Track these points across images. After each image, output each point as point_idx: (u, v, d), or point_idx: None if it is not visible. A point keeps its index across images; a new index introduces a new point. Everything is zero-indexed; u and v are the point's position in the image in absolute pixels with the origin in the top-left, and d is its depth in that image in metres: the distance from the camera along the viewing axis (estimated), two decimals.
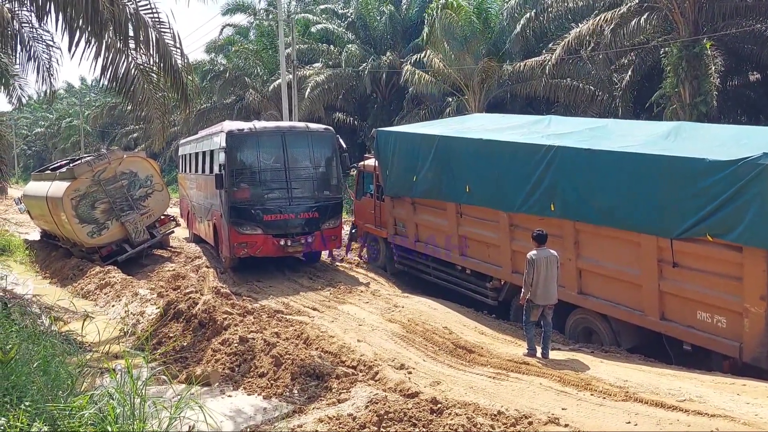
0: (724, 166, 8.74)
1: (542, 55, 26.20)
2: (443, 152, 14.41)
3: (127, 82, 11.85)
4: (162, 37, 11.60)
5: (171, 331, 11.64)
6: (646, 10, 21.98)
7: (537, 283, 9.86)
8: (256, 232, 16.42)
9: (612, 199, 10.38)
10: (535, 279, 9.86)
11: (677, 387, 8.19)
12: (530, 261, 9.89)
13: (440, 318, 12.38)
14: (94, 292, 16.48)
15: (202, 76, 42.46)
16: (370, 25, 35.86)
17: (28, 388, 6.19)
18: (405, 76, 29.64)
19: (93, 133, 77.81)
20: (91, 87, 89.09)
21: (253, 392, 8.87)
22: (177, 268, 18.40)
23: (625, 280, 10.41)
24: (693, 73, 20.33)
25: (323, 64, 36.30)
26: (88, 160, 20.33)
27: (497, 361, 9.97)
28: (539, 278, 9.85)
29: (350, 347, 10.12)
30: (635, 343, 10.72)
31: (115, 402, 5.81)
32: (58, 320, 12.17)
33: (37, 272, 21.29)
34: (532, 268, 9.85)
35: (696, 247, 9.28)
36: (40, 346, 7.72)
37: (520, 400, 8.10)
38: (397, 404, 7.38)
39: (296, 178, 16.86)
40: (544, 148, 11.61)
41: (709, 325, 9.23)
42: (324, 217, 17.04)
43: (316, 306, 13.90)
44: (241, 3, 42.07)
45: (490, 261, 13.49)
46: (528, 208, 12.03)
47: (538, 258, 9.86)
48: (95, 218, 19.20)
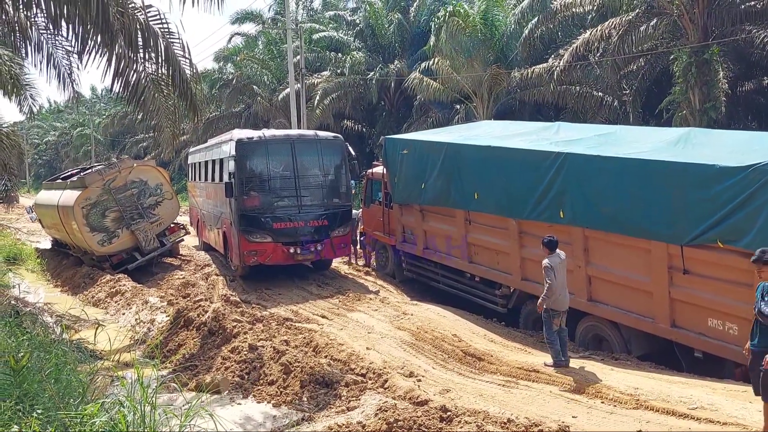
0: (734, 172, 8.70)
1: (550, 61, 26.21)
2: (452, 159, 14.42)
3: (138, 91, 11.89)
4: (171, 47, 11.67)
5: (181, 338, 11.68)
6: (655, 15, 21.96)
7: (556, 290, 9.79)
8: (265, 240, 16.37)
9: (621, 205, 10.34)
10: (554, 285, 9.77)
11: (688, 395, 8.14)
12: (549, 267, 9.78)
13: (449, 325, 12.36)
14: (104, 300, 16.55)
15: (211, 85, 42.68)
16: (378, 33, 35.94)
17: (40, 396, 6.22)
18: (413, 84, 29.68)
19: (104, 142, 78.26)
20: (102, 96, 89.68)
21: (263, 400, 8.89)
22: (187, 276, 18.45)
23: (636, 287, 10.36)
24: (702, 78, 20.27)
25: (331, 72, 36.40)
26: (99, 169, 20.44)
27: (507, 369, 9.94)
28: (557, 284, 9.78)
29: (359, 355, 10.11)
30: (646, 351, 10.65)
31: (126, 410, 5.83)
32: (69, 328, 12.23)
33: (49, 280, 21.40)
34: (552, 273, 9.77)
35: (707, 253, 9.22)
36: (52, 354, 7.76)
37: (530, 408, 8.08)
38: (407, 412, 7.37)
39: (306, 186, 16.83)
40: (553, 154, 11.59)
41: (721, 332, 9.16)
42: (333, 224, 16.98)
43: (325, 314, 13.90)
44: (250, 12, 42.32)
45: (499, 268, 13.46)
46: (537, 215, 12.01)
47: (554, 264, 9.81)
48: (106, 227, 19.29)
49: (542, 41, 27.23)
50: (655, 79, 24.31)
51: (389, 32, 35.71)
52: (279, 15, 42.29)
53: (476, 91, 28.09)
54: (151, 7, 11.30)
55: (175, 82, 11.99)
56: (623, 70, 24.48)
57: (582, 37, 23.63)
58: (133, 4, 11.03)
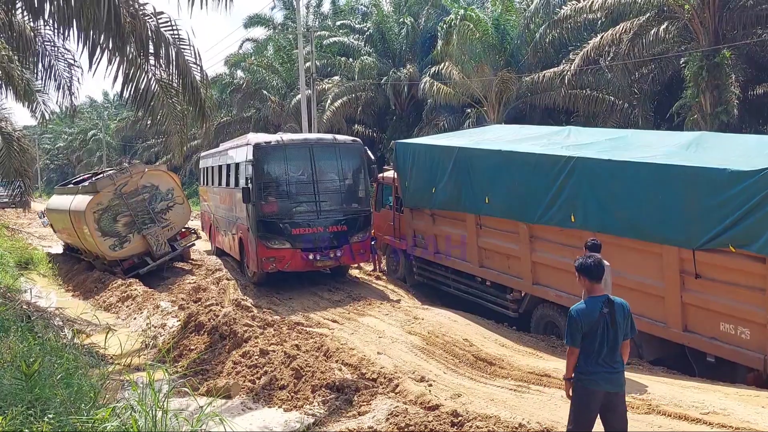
0: (746, 176, 8.66)
1: (561, 65, 26.18)
2: (462, 164, 14.41)
3: (147, 97, 11.92)
4: (182, 53, 11.70)
5: (192, 343, 11.70)
6: (665, 19, 21.90)
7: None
8: (284, 247, 16.06)
9: (632, 210, 10.31)
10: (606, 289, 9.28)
11: (701, 399, 8.10)
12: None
13: (460, 330, 12.34)
14: (115, 304, 16.60)
15: (222, 89, 42.81)
16: (388, 38, 35.99)
17: (52, 401, 6.24)
18: (424, 88, 29.71)
19: (116, 147, 78.66)
20: (113, 102, 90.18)
21: (274, 405, 8.88)
22: (198, 280, 18.48)
23: (647, 292, 10.30)
24: (714, 82, 20.22)
25: (342, 77, 36.44)
26: (111, 174, 20.53)
27: (518, 374, 9.92)
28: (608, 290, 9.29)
29: (370, 359, 10.09)
30: (658, 355, 10.60)
31: (137, 414, 5.85)
32: (80, 333, 12.25)
33: (60, 285, 21.48)
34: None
35: (719, 258, 9.18)
36: (63, 358, 7.78)
37: (542, 413, 8.04)
38: (418, 417, 7.36)
39: (324, 191, 16.54)
40: (564, 159, 11.57)
41: (733, 336, 9.11)
42: (353, 230, 16.63)
43: (336, 318, 13.90)
44: (261, 17, 42.50)
45: (510, 272, 13.44)
46: (548, 220, 11.98)
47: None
48: (117, 231, 19.35)
49: (553, 46, 27.23)
50: (666, 83, 24.26)
51: (400, 37, 35.78)
52: (289, 20, 42.47)
53: (487, 95, 28.11)
54: (163, 14, 11.32)
55: (186, 88, 12.02)
56: (634, 75, 24.45)
57: (593, 41, 23.63)
58: (144, 10, 11.08)
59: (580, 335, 5.79)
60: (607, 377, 5.78)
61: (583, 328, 5.77)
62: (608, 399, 5.81)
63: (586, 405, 5.87)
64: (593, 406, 5.84)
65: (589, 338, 5.79)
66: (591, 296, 5.95)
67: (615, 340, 5.78)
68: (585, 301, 5.98)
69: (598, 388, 5.80)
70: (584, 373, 5.86)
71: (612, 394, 5.81)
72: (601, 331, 5.76)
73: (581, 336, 5.79)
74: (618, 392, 5.84)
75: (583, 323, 5.78)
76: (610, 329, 5.77)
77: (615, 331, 5.77)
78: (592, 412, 5.86)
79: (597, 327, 5.76)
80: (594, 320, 5.76)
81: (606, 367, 5.78)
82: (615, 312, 5.81)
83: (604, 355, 5.77)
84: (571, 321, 5.87)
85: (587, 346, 5.80)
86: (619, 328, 5.79)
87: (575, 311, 5.87)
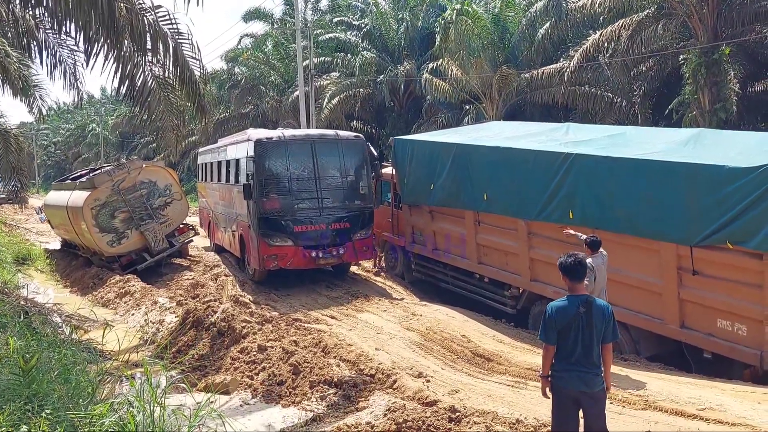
0: (744, 173, 8.68)
1: (560, 62, 26.17)
2: (461, 160, 14.40)
3: (144, 92, 11.79)
4: (180, 47, 11.57)
5: (190, 339, 11.70)
6: (664, 16, 21.89)
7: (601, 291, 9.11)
8: (286, 244, 15.81)
9: (631, 206, 10.32)
10: (596, 287, 9.06)
11: (697, 396, 8.12)
12: (590, 269, 9.38)
13: (458, 326, 12.34)
14: (113, 300, 16.60)
15: (220, 85, 42.75)
16: (386, 34, 35.93)
17: (49, 396, 6.24)
18: (422, 85, 29.69)
19: (113, 143, 78.56)
20: (110, 97, 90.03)
21: (272, 401, 8.89)
22: (196, 276, 18.48)
23: (645, 288, 10.32)
24: (712, 79, 20.22)
25: (340, 73, 36.41)
26: (108, 170, 20.51)
27: (516, 370, 9.93)
28: (595, 286, 9.04)
29: (368, 355, 10.09)
30: (655, 352, 10.62)
31: (135, 410, 5.85)
32: (78, 329, 12.26)
33: (58, 281, 21.49)
34: (593, 275, 9.08)
35: (716, 254, 9.20)
36: (61, 354, 7.78)
37: (539, 409, 8.04)
38: (416, 413, 7.37)
39: (327, 188, 16.27)
40: (563, 155, 11.58)
41: (730, 333, 9.13)
42: (356, 227, 16.39)
43: (334, 314, 13.89)
44: (260, 11, 42.40)
45: (508, 269, 13.44)
46: (546, 216, 11.99)
47: (596, 265, 9.16)
48: (115, 227, 19.35)
49: (552, 42, 27.22)
50: (664, 80, 24.23)
51: (398, 33, 35.73)
52: (288, 16, 42.40)
53: (485, 91, 28.09)
54: (161, 8, 11.20)
55: (185, 83, 11.92)
56: (633, 71, 24.45)
57: (592, 38, 23.61)
58: (141, 4, 10.98)
59: (555, 332, 5.81)
60: (579, 377, 5.77)
61: (558, 326, 5.79)
62: (581, 398, 5.81)
63: (561, 404, 5.90)
64: (568, 405, 5.86)
65: (563, 337, 5.80)
66: (570, 295, 5.96)
67: (590, 340, 5.76)
68: (564, 299, 6.00)
69: (569, 387, 5.81)
70: (557, 371, 5.90)
71: (585, 393, 5.79)
72: (576, 330, 5.76)
73: (556, 333, 5.82)
74: (591, 392, 5.80)
75: (558, 321, 5.80)
76: (585, 330, 5.76)
77: (590, 332, 5.75)
78: (568, 410, 5.87)
79: (572, 326, 5.76)
80: (569, 319, 5.77)
81: (579, 366, 5.77)
82: (593, 313, 5.79)
83: (578, 355, 5.77)
84: (546, 317, 5.89)
85: (561, 344, 5.82)
86: (595, 330, 5.77)
87: (551, 308, 5.90)
